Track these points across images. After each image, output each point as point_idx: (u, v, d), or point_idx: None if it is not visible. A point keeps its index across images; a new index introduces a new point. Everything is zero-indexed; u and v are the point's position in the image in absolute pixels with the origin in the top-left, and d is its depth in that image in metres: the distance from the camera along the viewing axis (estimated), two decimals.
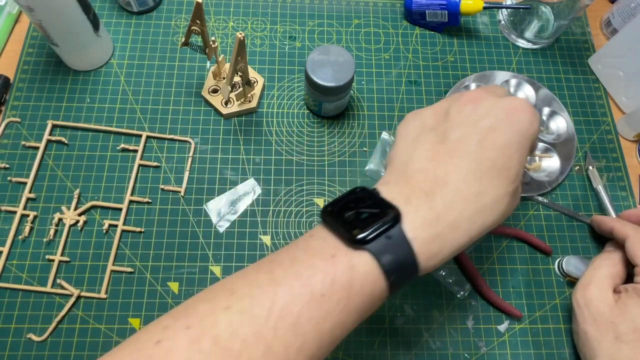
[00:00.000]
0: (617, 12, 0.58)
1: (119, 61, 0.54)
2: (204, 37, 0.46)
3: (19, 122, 0.50)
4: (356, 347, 0.44)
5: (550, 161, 0.52)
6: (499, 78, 0.55)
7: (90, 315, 0.44)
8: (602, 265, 0.40)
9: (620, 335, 0.35)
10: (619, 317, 0.36)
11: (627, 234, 0.40)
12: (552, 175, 0.51)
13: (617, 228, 0.41)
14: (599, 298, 0.37)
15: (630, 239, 0.39)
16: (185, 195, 0.49)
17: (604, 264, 0.40)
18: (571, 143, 0.53)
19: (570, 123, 0.54)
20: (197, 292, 0.44)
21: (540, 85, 0.55)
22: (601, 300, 0.37)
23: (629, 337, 0.35)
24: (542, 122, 0.54)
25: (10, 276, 0.44)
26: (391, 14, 0.60)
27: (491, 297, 0.45)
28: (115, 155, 0.50)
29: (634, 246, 0.39)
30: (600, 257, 0.42)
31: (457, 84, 0.55)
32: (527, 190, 0.50)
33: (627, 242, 0.39)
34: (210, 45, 0.47)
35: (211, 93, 0.52)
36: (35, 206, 0.47)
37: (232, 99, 0.51)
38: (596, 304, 0.37)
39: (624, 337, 0.35)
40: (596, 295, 0.38)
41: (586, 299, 0.38)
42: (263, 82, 0.53)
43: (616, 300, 0.37)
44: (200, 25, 0.44)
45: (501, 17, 0.60)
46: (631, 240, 0.39)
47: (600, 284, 0.38)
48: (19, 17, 0.56)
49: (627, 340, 0.35)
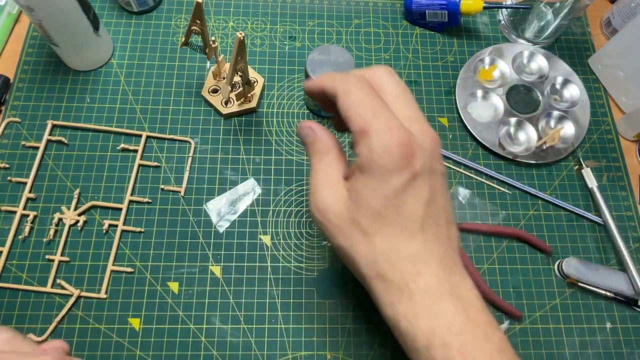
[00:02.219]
0: (617, 12, 0.58)
1: (119, 61, 0.54)
2: (204, 37, 0.46)
3: (19, 122, 0.50)
4: (356, 347, 0.44)
5: (565, 129, 0.53)
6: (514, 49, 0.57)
7: (90, 315, 0.44)
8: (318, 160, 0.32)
9: (366, 231, 0.28)
10: (356, 211, 0.29)
11: (336, 91, 0.30)
12: (567, 142, 0.52)
13: (327, 85, 0.31)
14: (332, 200, 0.30)
15: (339, 97, 0.30)
16: (185, 195, 0.49)
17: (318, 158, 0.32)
18: (585, 109, 0.54)
19: (583, 89, 0.55)
20: (197, 292, 0.45)
21: (551, 54, 0.57)
22: (335, 202, 0.30)
23: (372, 227, 0.28)
24: (555, 91, 0.56)
25: (10, 276, 0.44)
26: (391, 14, 0.60)
27: (491, 297, 0.45)
28: (115, 155, 0.50)
29: (344, 105, 0.29)
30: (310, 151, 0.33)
31: (473, 57, 0.57)
32: (544, 157, 0.52)
33: (337, 102, 0.30)
34: (210, 45, 0.47)
35: (211, 93, 0.52)
36: (35, 206, 0.47)
37: (232, 99, 0.51)
38: (332, 210, 0.30)
39: (368, 229, 0.28)
40: (328, 197, 0.30)
41: (321, 210, 0.30)
42: (263, 82, 0.53)
43: (349, 190, 0.30)
44: (200, 25, 0.44)
45: (501, 17, 0.60)
46: (341, 98, 0.30)
47: (327, 180, 0.31)
48: (19, 17, 0.56)
49: (373, 232, 0.28)
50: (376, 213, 0.28)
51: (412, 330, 0.27)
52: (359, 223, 0.29)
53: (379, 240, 0.28)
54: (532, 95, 0.55)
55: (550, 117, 0.54)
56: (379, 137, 0.27)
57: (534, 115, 0.54)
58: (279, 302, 0.45)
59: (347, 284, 0.46)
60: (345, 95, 0.29)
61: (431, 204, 0.28)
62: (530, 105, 0.55)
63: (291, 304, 0.45)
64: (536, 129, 0.53)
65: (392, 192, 0.28)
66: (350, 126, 0.29)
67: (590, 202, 0.51)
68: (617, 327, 0.46)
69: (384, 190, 0.28)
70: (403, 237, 0.28)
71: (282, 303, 0.45)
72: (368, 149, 0.28)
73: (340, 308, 0.45)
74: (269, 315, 0.45)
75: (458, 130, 0.54)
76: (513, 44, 0.58)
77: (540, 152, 0.52)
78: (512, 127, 0.54)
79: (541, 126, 0.54)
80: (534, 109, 0.54)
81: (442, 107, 0.55)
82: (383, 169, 0.27)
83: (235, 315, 0.44)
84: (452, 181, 0.51)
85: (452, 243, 0.30)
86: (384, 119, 0.28)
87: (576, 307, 0.47)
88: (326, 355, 0.44)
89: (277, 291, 0.46)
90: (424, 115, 0.31)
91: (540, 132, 0.53)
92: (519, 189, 0.51)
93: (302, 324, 0.45)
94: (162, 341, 0.43)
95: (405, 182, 0.27)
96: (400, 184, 0.27)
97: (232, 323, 0.44)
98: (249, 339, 0.44)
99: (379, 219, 0.28)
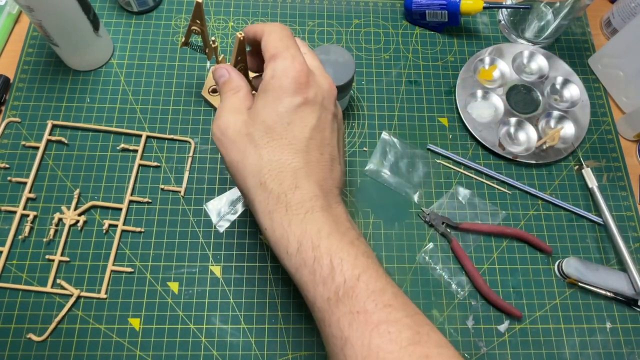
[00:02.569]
0: (617, 12, 0.58)
1: (119, 61, 0.54)
2: (204, 37, 0.46)
3: (19, 122, 0.50)
4: None
5: (565, 128, 0.53)
6: (514, 49, 0.57)
7: (90, 315, 0.44)
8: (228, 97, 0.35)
9: (257, 143, 0.32)
10: (251, 126, 0.32)
11: (263, 31, 0.35)
12: (567, 142, 0.52)
13: (257, 29, 0.36)
14: (233, 120, 0.33)
15: (264, 35, 0.34)
16: (185, 195, 0.49)
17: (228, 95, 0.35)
18: (585, 109, 0.54)
19: (583, 90, 0.55)
20: (197, 292, 0.45)
21: (551, 54, 0.57)
22: (235, 121, 0.33)
23: (263, 139, 0.31)
24: (555, 91, 0.56)
25: (10, 276, 0.44)
26: (391, 14, 0.60)
27: (491, 297, 0.45)
28: (115, 155, 0.50)
29: (266, 40, 0.34)
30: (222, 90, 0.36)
31: (473, 56, 0.57)
32: (544, 157, 0.52)
33: (262, 40, 0.34)
34: (210, 45, 0.47)
35: (211, 93, 0.52)
36: (35, 206, 0.47)
37: None
38: (232, 127, 0.33)
39: (259, 141, 0.32)
40: (230, 118, 0.33)
41: (222, 128, 0.33)
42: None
43: (249, 113, 0.33)
44: (200, 25, 0.44)
45: (501, 17, 0.60)
46: (265, 36, 0.34)
47: (233, 109, 0.34)
48: (19, 17, 0.56)
49: (263, 145, 0.31)
50: (268, 127, 0.32)
51: (285, 235, 0.30)
52: (252, 136, 0.32)
53: (266, 152, 0.31)
54: (532, 95, 0.55)
55: (550, 117, 0.54)
56: (283, 62, 0.32)
57: (534, 115, 0.54)
58: (279, 302, 0.45)
59: None
60: (269, 34, 0.34)
61: (317, 132, 0.32)
62: (530, 105, 0.55)
63: (291, 304, 0.45)
64: (536, 129, 0.53)
65: (284, 110, 0.32)
66: (264, 56, 0.34)
67: (590, 202, 0.51)
68: (617, 327, 0.46)
69: (277, 107, 0.32)
70: (288, 152, 0.31)
71: (282, 303, 0.45)
72: (272, 70, 0.32)
73: None
74: (269, 315, 0.45)
75: (458, 130, 0.54)
76: (513, 44, 0.58)
77: (540, 152, 0.52)
78: (512, 127, 0.54)
79: (541, 126, 0.54)
80: (534, 109, 0.54)
81: (442, 107, 0.55)
82: (280, 89, 0.32)
83: (235, 315, 0.44)
84: (452, 181, 0.51)
85: (334, 176, 0.33)
86: (292, 52, 0.33)
87: (576, 307, 0.47)
88: (326, 355, 0.44)
89: (277, 291, 0.46)
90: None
91: (540, 132, 0.53)
92: (519, 189, 0.51)
93: (302, 324, 0.45)
94: (162, 341, 0.43)
95: (297, 105, 0.32)
96: (293, 105, 0.32)
97: (232, 323, 0.44)
98: (249, 339, 0.44)
99: (269, 132, 0.32)
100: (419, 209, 0.50)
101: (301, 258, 0.29)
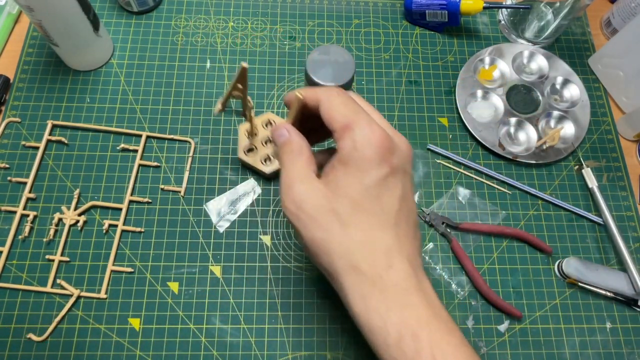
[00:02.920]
0: (617, 12, 0.58)
1: (119, 61, 0.54)
2: (244, 101, 0.43)
3: (19, 122, 0.50)
4: (356, 347, 0.44)
5: (565, 129, 0.53)
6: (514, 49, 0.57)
7: (90, 315, 0.44)
8: (291, 160, 0.32)
9: (344, 221, 0.29)
10: (334, 200, 0.29)
11: (319, 98, 0.32)
12: (567, 142, 0.52)
13: (309, 96, 0.33)
14: (308, 192, 0.30)
15: (323, 103, 0.32)
16: (185, 195, 0.49)
17: (291, 158, 0.33)
18: (585, 109, 0.54)
19: (583, 90, 0.55)
20: (197, 292, 0.45)
21: (551, 54, 0.57)
22: (312, 194, 0.30)
23: (351, 216, 0.29)
24: (555, 91, 0.56)
25: (10, 276, 0.44)
26: (391, 14, 0.60)
27: (491, 297, 0.45)
28: (115, 155, 0.50)
29: (328, 108, 0.31)
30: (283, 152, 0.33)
31: (473, 56, 0.57)
32: (544, 157, 0.52)
33: (321, 108, 0.32)
34: (249, 107, 0.44)
35: (247, 153, 0.49)
36: (35, 206, 0.47)
37: (270, 156, 0.49)
38: (309, 201, 0.30)
39: (347, 219, 0.29)
40: (304, 190, 0.30)
41: (297, 201, 0.30)
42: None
43: (326, 184, 0.30)
44: (242, 90, 0.40)
45: (501, 17, 0.60)
46: (325, 104, 0.32)
47: (302, 177, 0.31)
48: (19, 17, 0.56)
49: (351, 222, 0.29)
50: (355, 203, 0.29)
51: (384, 325, 0.27)
52: (337, 212, 0.29)
53: (355, 231, 0.29)
54: (532, 95, 0.55)
55: (550, 117, 0.54)
56: (362, 131, 0.29)
57: (534, 115, 0.54)
58: (279, 302, 0.45)
59: None
60: (329, 101, 0.31)
61: (404, 202, 0.30)
62: (530, 105, 0.55)
63: (291, 304, 0.45)
64: (536, 129, 0.53)
65: (372, 183, 0.29)
66: (332, 126, 0.31)
67: (590, 202, 0.51)
68: (617, 327, 0.46)
69: (363, 180, 0.29)
70: (379, 229, 0.29)
71: (282, 303, 0.45)
72: (351, 140, 0.29)
73: (340, 308, 0.45)
74: (269, 315, 0.45)
75: (458, 130, 0.54)
76: (513, 44, 0.58)
77: (540, 152, 0.52)
78: (512, 127, 0.54)
79: (541, 126, 0.54)
80: (534, 109, 0.54)
81: (442, 107, 0.55)
82: (365, 160, 0.29)
83: (235, 315, 0.44)
84: (452, 181, 0.51)
85: (418, 244, 0.31)
86: (365, 118, 0.30)
87: (576, 307, 0.47)
88: (326, 355, 0.44)
89: (277, 291, 0.46)
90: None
91: (540, 132, 0.53)
92: (519, 189, 0.51)
93: (302, 324, 0.45)
94: (162, 341, 0.43)
95: (384, 175, 0.29)
96: (380, 176, 0.29)
97: (232, 323, 0.44)
98: (249, 339, 0.44)
99: (357, 208, 0.29)
100: (419, 208, 0.50)
101: (401, 350, 0.27)
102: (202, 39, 0.56)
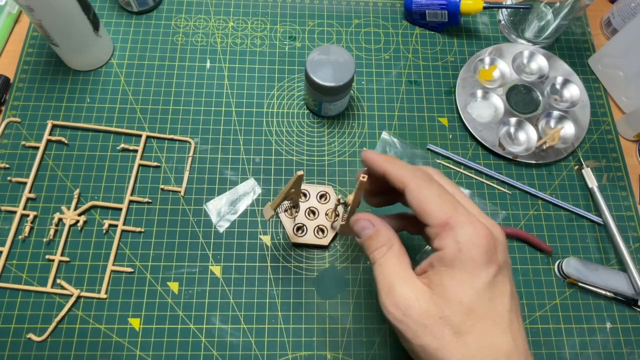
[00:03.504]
0: (617, 12, 0.58)
1: (119, 61, 0.54)
2: (295, 202, 0.45)
3: (19, 122, 0.50)
4: (356, 347, 0.44)
5: (565, 128, 0.53)
6: (514, 49, 0.57)
7: (90, 315, 0.44)
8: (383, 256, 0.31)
9: (458, 329, 0.27)
10: (445, 307, 0.28)
11: (405, 183, 0.30)
12: (567, 142, 0.52)
13: (393, 172, 0.31)
14: (414, 298, 0.28)
15: (412, 191, 0.30)
16: (185, 195, 0.49)
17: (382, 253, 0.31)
18: (585, 109, 0.54)
19: (583, 90, 0.55)
20: (197, 292, 0.45)
21: (551, 54, 0.57)
22: (417, 298, 0.28)
23: (464, 324, 0.27)
24: (555, 91, 0.56)
25: (10, 276, 0.44)
26: (391, 14, 0.60)
27: None
28: (115, 155, 0.50)
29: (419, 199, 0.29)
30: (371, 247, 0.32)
31: (473, 56, 0.56)
32: (544, 157, 0.52)
33: (408, 194, 0.30)
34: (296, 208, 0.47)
35: (296, 232, 0.47)
36: (35, 206, 0.47)
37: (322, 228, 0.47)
38: (415, 305, 0.28)
39: (461, 327, 0.27)
40: (408, 293, 0.29)
41: (402, 307, 0.28)
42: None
43: (431, 287, 0.29)
44: (294, 194, 0.40)
45: (501, 17, 0.60)
46: (414, 192, 0.30)
47: (402, 277, 0.29)
48: (19, 17, 0.56)
49: (466, 330, 0.27)
50: (468, 309, 0.27)
51: None
52: (449, 320, 0.27)
53: (472, 339, 0.27)
54: (532, 95, 0.55)
55: (550, 117, 0.54)
56: (464, 230, 0.28)
57: (534, 115, 0.54)
58: (279, 302, 0.45)
59: (347, 284, 0.46)
60: (419, 190, 0.29)
61: (513, 299, 0.29)
62: (530, 105, 0.55)
63: (291, 304, 0.45)
64: (536, 129, 0.53)
65: (482, 286, 0.27)
66: (427, 220, 0.29)
67: (590, 202, 0.51)
68: (617, 327, 0.46)
69: (474, 284, 0.27)
70: (496, 333, 0.27)
71: (282, 303, 0.45)
72: (455, 242, 0.28)
73: (340, 308, 0.45)
74: (269, 315, 0.45)
75: (458, 130, 0.54)
76: (513, 44, 0.58)
77: (540, 152, 0.52)
78: (512, 127, 0.54)
79: (541, 126, 0.54)
80: (534, 109, 0.54)
81: (442, 107, 0.55)
82: (471, 263, 0.28)
83: (235, 315, 0.44)
84: (452, 181, 0.51)
85: (525, 336, 0.29)
86: (464, 213, 0.29)
87: (576, 307, 0.47)
88: (326, 355, 0.44)
89: (277, 291, 0.46)
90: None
91: (540, 132, 0.53)
92: (519, 189, 0.51)
93: (302, 324, 0.45)
94: (162, 341, 0.43)
95: (492, 276, 0.28)
96: (490, 277, 0.28)
97: (232, 323, 0.44)
98: (249, 339, 0.44)
99: (471, 314, 0.27)
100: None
101: None
102: (202, 39, 0.56)
